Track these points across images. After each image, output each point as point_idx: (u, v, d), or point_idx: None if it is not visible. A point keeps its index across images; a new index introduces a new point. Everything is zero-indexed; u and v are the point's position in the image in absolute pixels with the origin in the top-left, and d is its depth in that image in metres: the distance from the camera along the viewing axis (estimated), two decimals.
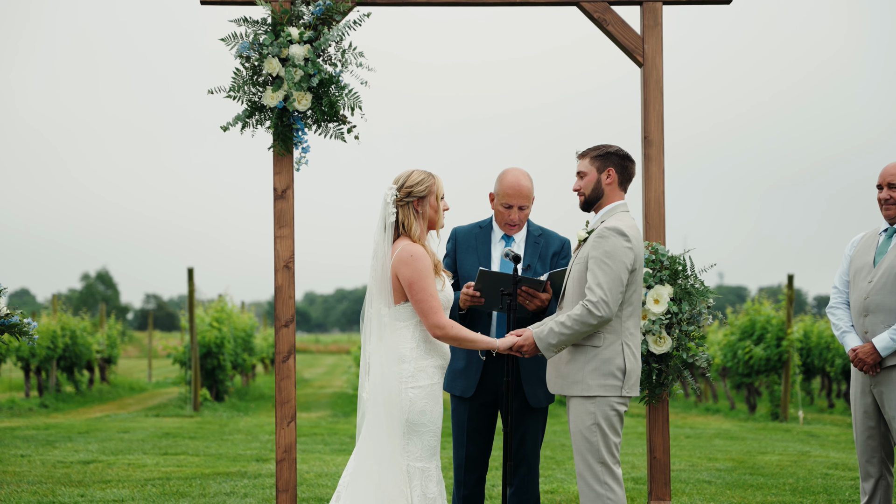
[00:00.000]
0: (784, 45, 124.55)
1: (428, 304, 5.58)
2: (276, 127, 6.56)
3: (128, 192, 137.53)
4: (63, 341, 21.52)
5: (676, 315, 6.42)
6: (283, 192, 6.68)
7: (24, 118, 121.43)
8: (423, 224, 5.74)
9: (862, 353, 6.41)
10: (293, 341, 6.65)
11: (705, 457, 12.28)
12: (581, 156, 5.98)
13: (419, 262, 5.60)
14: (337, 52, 6.54)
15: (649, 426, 6.59)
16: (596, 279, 5.59)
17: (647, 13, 6.80)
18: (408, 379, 5.60)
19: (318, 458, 11.88)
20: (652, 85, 6.79)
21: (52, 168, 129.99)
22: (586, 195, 5.91)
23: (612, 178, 5.87)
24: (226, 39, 6.50)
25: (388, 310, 5.68)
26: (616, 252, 5.63)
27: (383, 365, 5.64)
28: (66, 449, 12.67)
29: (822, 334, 22.10)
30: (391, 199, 5.71)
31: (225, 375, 21.13)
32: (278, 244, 6.69)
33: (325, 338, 78.03)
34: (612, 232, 5.66)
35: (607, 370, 5.68)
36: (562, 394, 5.76)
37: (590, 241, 5.75)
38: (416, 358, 5.64)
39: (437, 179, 5.78)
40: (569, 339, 5.61)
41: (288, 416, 6.60)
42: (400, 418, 5.57)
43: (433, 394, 5.66)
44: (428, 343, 5.67)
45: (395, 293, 5.67)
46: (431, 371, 5.66)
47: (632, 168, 5.94)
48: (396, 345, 5.65)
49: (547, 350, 5.67)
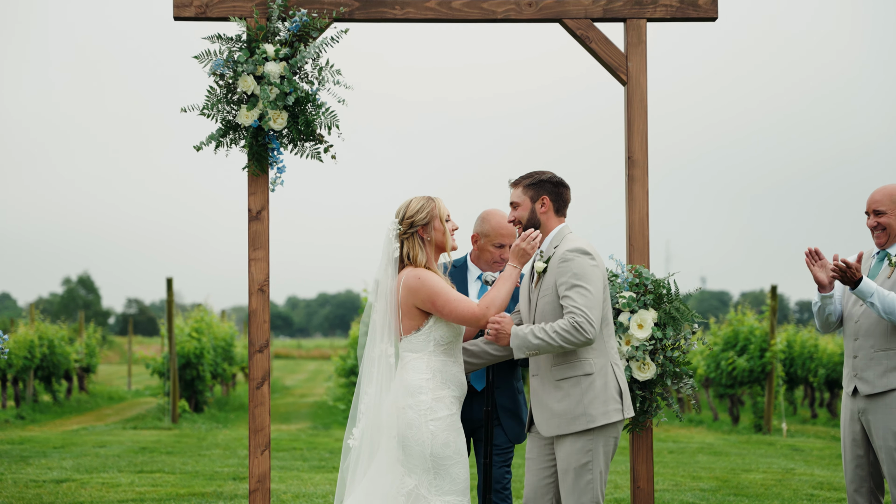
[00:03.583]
0: (774, 54, 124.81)
1: (460, 306, 5.45)
2: (250, 146, 6.35)
3: (110, 194, 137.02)
4: (41, 351, 21.27)
5: (661, 340, 6.24)
6: (258, 214, 6.48)
7: (5, 121, 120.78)
8: (430, 251, 5.61)
9: (850, 263, 6.15)
10: (268, 367, 6.45)
11: (689, 475, 12.12)
12: (514, 185, 5.79)
13: (429, 278, 5.48)
14: (314, 69, 6.33)
15: (633, 455, 6.41)
16: (574, 302, 5.39)
17: (631, 30, 6.63)
18: (426, 412, 5.40)
19: (296, 477, 11.67)
20: (636, 104, 6.61)
21: (34, 170, 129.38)
22: (522, 225, 5.73)
23: (547, 206, 5.70)
24: (199, 57, 6.30)
25: (400, 344, 5.52)
26: (586, 273, 5.45)
27: (398, 399, 5.44)
28: (39, 466, 12.44)
29: (805, 344, 22.05)
30: (394, 235, 5.57)
31: (204, 386, 20.92)
32: (253, 267, 6.49)
33: (307, 343, 77.76)
34: (576, 253, 5.48)
35: (608, 395, 5.50)
36: (561, 433, 5.50)
37: (552, 268, 5.54)
38: (433, 388, 5.45)
39: (438, 202, 5.63)
40: (547, 348, 5.39)
41: (262, 445, 6.40)
42: (422, 453, 5.37)
43: (454, 425, 5.46)
44: (444, 373, 5.49)
45: (406, 321, 5.50)
46: (449, 401, 5.48)
47: (566, 194, 5.77)
48: (411, 377, 5.46)
49: (521, 347, 5.42)
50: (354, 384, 19.18)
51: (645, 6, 6.62)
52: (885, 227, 6.35)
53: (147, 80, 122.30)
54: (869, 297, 6.15)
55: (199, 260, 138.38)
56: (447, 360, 5.53)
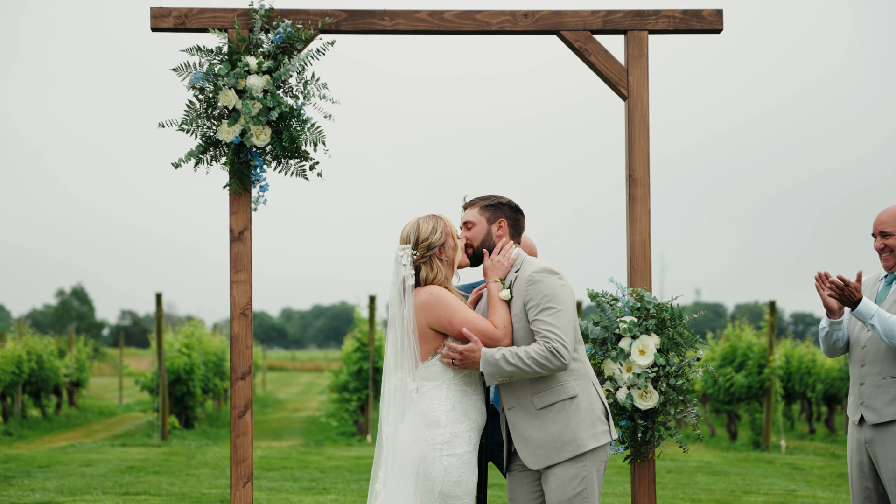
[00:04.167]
0: (772, 66, 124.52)
1: (479, 326, 5.14)
2: (232, 164, 6.02)
3: (105, 204, 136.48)
4: (29, 366, 20.92)
5: (664, 367, 5.94)
6: (241, 234, 6.16)
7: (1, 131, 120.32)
8: (448, 272, 5.31)
9: (848, 281, 5.90)
10: (250, 395, 6.14)
11: (688, 497, 11.82)
12: (469, 205, 5.51)
13: (443, 294, 5.18)
14: (299, 83, 6.01)
15: (634, 487, 6.10)
16: (547, 326, 5.11)
17: (632, 42, 6.32)
18: (442, 446, 5.09)
19: (286, 500, 11.34)
20: (637, 120, 6.30)
21: (28, 182, 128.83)
22: (474, 247, 5.44)
23: (504, 229, 5.43)
24: (178, 69, 5.97)
25: (416, 372, 5.19)
26: (556, 293, 5.17)
27: (414, 430, 5.13)
28: (22, 487, 12.11)
29: (803, 359, 21.78)
30: (408, 261, 5.25)
31: (195, 402, 20.59)
32: (235, 290, 6.17)
33: (301, 355, 77.48)
34: (544, 273, 5.20)
35: (594, 417, 5.23)
36: (550, 464, 5.18)
37: (518, 292, 5.24)
38: (452, 422, 5.14)
39: (446, 219, 5.35)
40: (520, 375, 5.09)
41: (244, 477, 6.07)
42: (431, 489, 5.07)
43: (469, 462, 5.15)
44: (464, 403, 5.18)
45: (423, 346, 5.19)
46: (468, 436, 5.16)
47: (522, 221, 5.53)
48: (429, 408, 5.15)
49: (493, 374, 5.09)
50: (347, 400, 19.08)
51: (647, 18, 6.32)
52: (893, 250, 6.08)
53: (145, 88, 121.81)
54: (869, 318, 5.88)
55: (194, 272, 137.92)
56: (466, 388, 5.22)
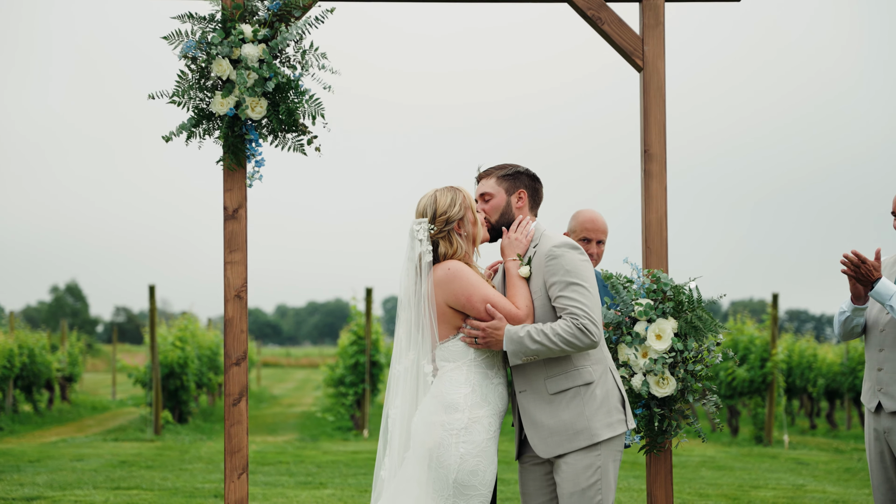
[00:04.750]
0: (772, 60, 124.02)
1: (499, 304, 4.81)
2: (226, 137, 5.69)
3: (101, 198, 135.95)
4: (20, 360, 20.62)
5: (682, 353, 5.62)
6: (235, 212, 5.83)
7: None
8: (469, 247, 4.95)
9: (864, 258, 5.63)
10: (245, 381, 5.81)
11: (696, 492, 11.50)
12: (484, 175, 5.15)
13: (462, 270, 4.83)
14: (296, 52, 5.67)
15: (649, 479, 5.79)
16: (574, 302, 4.77)
17: (648, 11, 5.98)
18: (459, 432, 4.74)
19: (281, 495, 11.02)
20: (653, 92, 5.97)
21: (22, 177, 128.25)
22: (493, 221, 5.09)
23: (524, 200, 5.10)
24: (168, 38, 5.63)
25: (436, 352, 4.86)
26: (579, 269, 4.84)
27: (430, 413, 4.78)
28: (11, 482, 11.78)
29: (804, 353, 21.53)
30: (425, 236, 4.88)
31: (189, 396, 20.27)
32: (229, 271, 5.85)
33: (296, 351, 77.24)
34: (564, 248, 4.87)
35: (611, 405, 4.89)
36: (562, 452, 4.85)
37: (537, 267, 4.91)
38: (471, 406, 4.78)
39: (465, 191, 4.97)
40: (546, 353, 4.76)
41: (239, 468, 5.75)
42: (445, 477, 4.72)
43: (487, 451, 4.79)
44: (485, 386, 4.83)
45: (442, 327, 4.85)
46: (488, 422, 4.80)
47: (542, 190, 5.19)
48: (447, 390, 4.80)
49: (518, 353, 4.76)
50: (343, 394, 18.76)
51: None
52: None
53: (141, 77, 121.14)
54: (888, 299, 5.58)
55: (189, 266, 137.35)
56: (488, 371, 4.87)
